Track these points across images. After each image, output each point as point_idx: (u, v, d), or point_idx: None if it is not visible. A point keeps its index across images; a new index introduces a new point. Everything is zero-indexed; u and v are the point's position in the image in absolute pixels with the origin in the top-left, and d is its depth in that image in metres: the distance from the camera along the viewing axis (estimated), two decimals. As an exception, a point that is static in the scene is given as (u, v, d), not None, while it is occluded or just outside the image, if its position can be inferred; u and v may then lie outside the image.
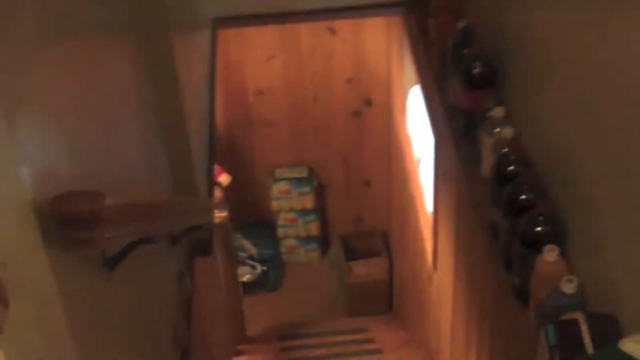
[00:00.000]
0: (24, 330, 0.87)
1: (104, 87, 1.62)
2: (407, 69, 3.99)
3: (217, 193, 3.94)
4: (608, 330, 1.51)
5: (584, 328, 1.53)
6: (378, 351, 4.30)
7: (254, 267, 5.16)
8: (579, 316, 1.56)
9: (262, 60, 4.75)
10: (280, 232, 5.27)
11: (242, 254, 5.19)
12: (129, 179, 1.78)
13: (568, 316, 1.59)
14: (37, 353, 0.91)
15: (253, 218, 5.29)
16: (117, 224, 1.18)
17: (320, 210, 5.25)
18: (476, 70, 2.36)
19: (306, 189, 5.04)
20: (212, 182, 2.81)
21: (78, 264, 1.21)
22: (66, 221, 1.03)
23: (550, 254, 1.73)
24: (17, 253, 0.86)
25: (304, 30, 4.66)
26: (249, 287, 5.13)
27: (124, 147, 1.78)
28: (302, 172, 5.06)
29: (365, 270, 4.82)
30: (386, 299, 5.05)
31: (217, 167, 4.41)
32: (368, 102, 4.91)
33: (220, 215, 3.66)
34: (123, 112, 1.82)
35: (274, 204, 5.14)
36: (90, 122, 1.44)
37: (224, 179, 4.45)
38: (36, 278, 0.94)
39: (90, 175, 1.36)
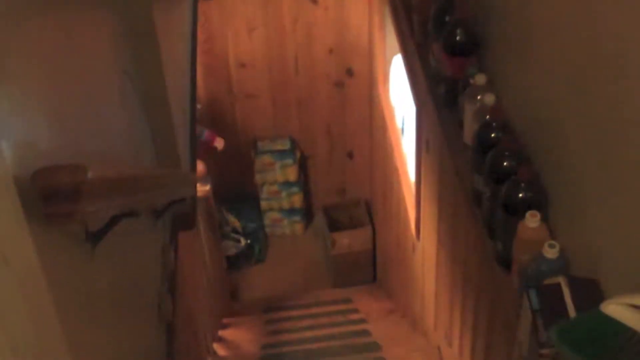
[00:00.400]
0: (7, 305, 0.86)
1: (82, 59, 1.60)
2: (389, 37, 3.98)
3: (200, 167, 3.93)
4: (590, 294, 1.52)
5: (566, 292, 1.55)
6: (363, 321, 4.33)
7: (238, 241, 5.17)
8: (561, 280, 1.58)
9: (244, 31, 4.72)
10: (264, 204, 5.27)
11: (226, 228, 5.19)
12: (110, 152, 1.77)
13: (550, 281, 1.61)
14: (22, 327, 0.91)
15: (236, 191, 5.28)
16: (100, 197, 1.17)
17: (304, 182, 5.25)
18: (458, 37, 2.36)
19: (289, 161, 5.04)
20: (194, 155, 2.80)
21: (61, 239, 1.21)
22: (48, 195, 1.03)
23: (532, 220, 1.74)
24: (-2, 227, 0.85)
25: (286, 1, 4.63)
26: (234, 261, 5.14)
27: (105, 120, 1.77)
28: (284, 145, 5.05)
29: (349, 241, 4.84)
30: (370, 269, 5.08)
31: (210, 133, 4.42)
32: (350, 73, 4.89)
33: (203, 188, 3.66)
34: (103, 85, 1.80)
35: (257, 177, 5.13)
36: (69, 95, 1.43)
37: (218, 143, 4.45)
38: (19, 253, 0.93)
39: (71, 149, 1.35)
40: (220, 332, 4.09)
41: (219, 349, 3.77)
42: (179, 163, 2.45)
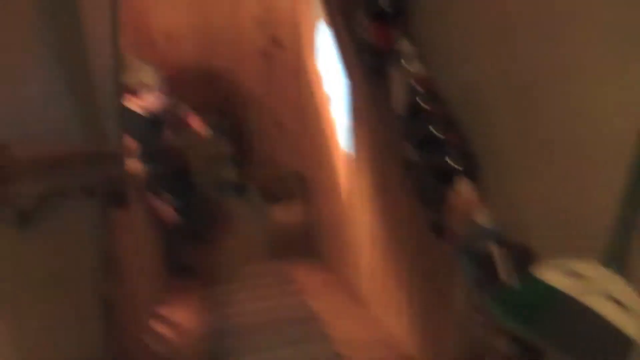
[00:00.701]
0: None
1: (2, 36, 1.54)
2: (315, 5, 3.95)
3: (131, 142, 3.86)
4: (522, 259, 1.55)
5: (499, 257, 1.57)
6: (301, 292, 4.34)
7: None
8: (493, 246, 1.60)
9: (167, 3, 4.62)
10: (198, 180, 5.21)
11: (160, 203, 5.12)
12: (35, 130, 1.71)
13: (483, 246, 1.63)
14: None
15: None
16: (26, 177, 1.13)
17: (236, 156, 5.20)
18: (382, 3, 2.34)
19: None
20: (121, 132, 2.74)
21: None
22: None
23: (462, 187, 1.75)
24: None
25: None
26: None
27: (26, 96, 1.71)
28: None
29: (284, 213, 4.83)
30: (307, 241, 5.08)
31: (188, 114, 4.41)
32: (277, 42, 4.85)
33: (135, 164, 3.59)
34: (24, 61, 1.74)
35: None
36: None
37: (193, 121, 4.45)
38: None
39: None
40: (160, 310, 4.05)
41: (159, 327, 3.74)
42: (106, 139, 2.40)
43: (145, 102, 3.94)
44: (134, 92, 3.87)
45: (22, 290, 1.36)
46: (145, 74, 3.89)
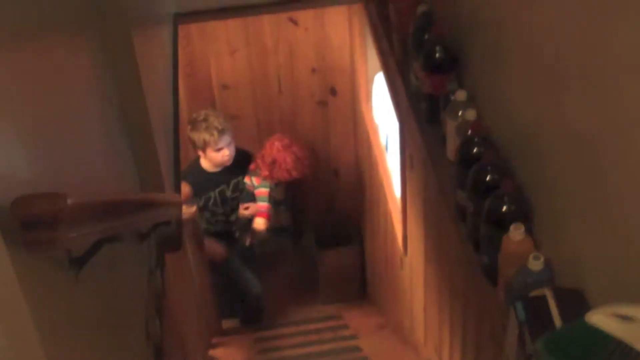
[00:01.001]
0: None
1: (62, 87, 1.60)
2: (370, 56, 4.00)
3: (186, 189, 3.93)
4: (575, 305, 1.53)
5: (552, 303, 1.55)
6: (353, 337, 4.32)
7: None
8: (547, 292, 1.58)
9: (226, 54, 4.73)
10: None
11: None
12: (92, 178, 1.77)
13: (536, 292, 1.61)
14: (4, 355, 0.90)
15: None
16: (80, 223, 1.17)
17: (291, 201, 5.24)
18: (437, 55, 2.37)
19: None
20: (178, 177, 2.80)
21: (43, 266, 1.21)
22: (27, 223, 1.03)
23: (516, 233, 1.75)
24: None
25: (267, 23, 4.65)
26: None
27: (87, 147, 1.77)
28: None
29: (338, 257, 4.84)
30: (359, 285, 5.07)
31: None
32: (333, 91, 4.91)
33: (189, 210, 3.65)
34: (83, 111, 1.80)
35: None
36: (49, 123, 1.43)
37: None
38: (0, 282, 0.93)
39: (51, 176, 1.35)
40: (211, 352, 4.07)
41: (210, 371, 3.76)
42: (163, 186, 2.45)
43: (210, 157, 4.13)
44: (201, 147, 4.09)
45: (77, 334, 1.39)
46: (216, 119, 4.03)
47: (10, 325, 0.93)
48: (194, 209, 3.79)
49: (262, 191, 4.40)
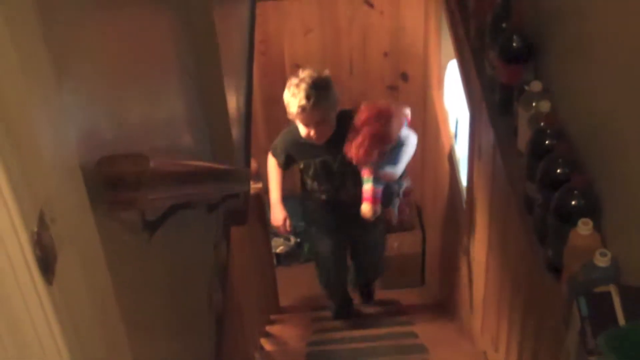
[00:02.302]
0: (70, 284, 0.90)
1: (146, 54, 1.65)
2: (445, 42, 3.98)
3: (253, 164, 3.97)
4: (640, 303, 1.52)
5: (616, 300, 1.54)
6: (410, 323, 4.33)
7: (287, 239, 5.20)
8: (612, 289, 1.57)
9: (300, 33, 4.75)
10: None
11: (277, 226, 5.23)
12: (170, 145, 1.81)
13: (601, 289, 1.60)
14: (82, 306, 0.94)
15: (287, 191, 5.31)
16: (159, 187, 1.21)
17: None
18: (514, 44, 2.35)
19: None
20: (249, 153, 2.85)
21: (121, 225, 1.25)
22: (111, 182, 1.07)
23: (584, 228, 1.73)
24: (66, 210, 0.89)
25: (342, 4, 4.65)
26: (282, 259, 5.18)
27: (165, 113, 1.82)
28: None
29: (399, 243, 4.84)
30: (419, 272, 5.07)
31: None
32: (404, 77, 4.90)
33: (255, 186, 3.70)
34: (164, 77, 1.85)
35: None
36: (133, 87, 1.48)
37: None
38: (83, 236, 0.97)
39: (133, 139, 1.39)
40: (268, 328, 4.13)
41: (266, 344, 3.81)
42: (234, 159, 2.49)
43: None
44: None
45: (147, 295, 1.44)
46: (309, 91, 3.29)
47: (89, 278, 0.97)
48: (260, 184, 3.84)
49: (364, 171, 3.54)
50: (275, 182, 3.77)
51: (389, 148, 3.48)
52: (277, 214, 3.78)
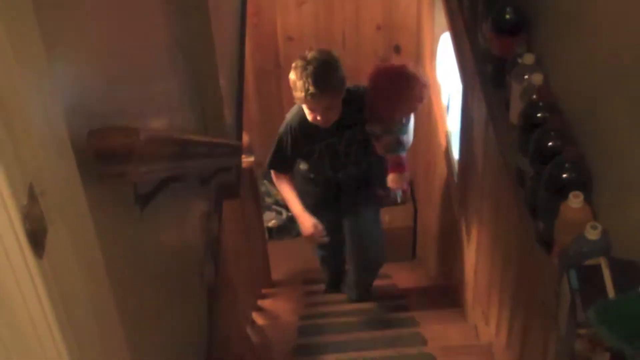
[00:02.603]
0: (60, 258, 0.90)
1: (135, 25, 1.63)
2: (438, 15, 3.96)
3: (245, 138, 3.96)
4: (630, 276, 1.52)
5: (606, 273, 1.55)
6: (401, 296, 4.35)
7: (279, 213, 5.21)
8: (602, 261, 1.58)
9: (292, 6, 4.73)
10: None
11: (268, 200, 5.23)
12: (161, 119, 1.80)
13: (591, 262, 1.61)
14: (72, 281, 0.94)
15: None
16: (150, 160, 1.20)
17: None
18: (507, 16, 2.34)
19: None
20: (240, 126, 2.84)
21: (112, 198, 1.25)
22: (101, 155, 1.06)
23: (575, 201, 1.73)
24: (55, 183, 0.89)
25: (335, -24, 4.63)
26: (274, 233, 5.19)
27: (156, 86, 1.81)
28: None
29: (390, 217, 4.85)
30: (410, 246, 5.09)
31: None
32: (397, 49, 4.88)
33: (247, 159, 3.69)
34: (155, 51, 1.83)
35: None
36: (122, 59, 1.46)
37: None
38: (73, 209, 0.97)
39: (123, 112, 1.38)
40: (260, 302, 4.14)
41: (258, 318, 3.83)
42: (226, 132, 2.49)
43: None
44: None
45: (138, 268, 1.43)
46: (319, 73, 3.07)
47: (79, 251, 0.96)
48: (252, 158, 3.83)
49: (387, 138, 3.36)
50: (290, 193, 3.56)
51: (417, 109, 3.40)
52: (306, 222, 3.57)
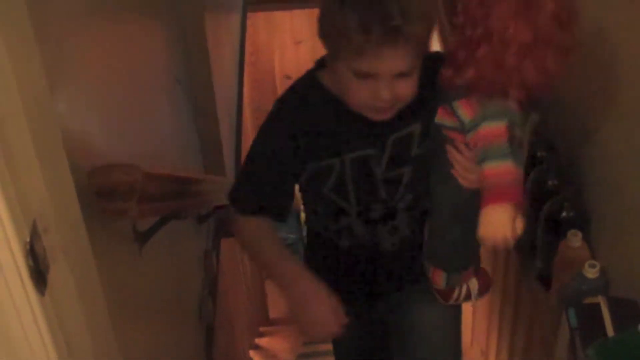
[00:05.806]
0: (62, 295, 0.90)
1: (137, 65, 1.65)
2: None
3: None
4: (629, 314, 1.52)
5: (605, 312, 1.55)
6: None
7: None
8: (601, 300, 1.58)
9: (290, 45, 4.77)
10: (304, 217, 5.28)
11: (266, 237, 5.20)
12: (161, 155, 1.81)
13: (590, 300, 1.61)
14: (74, 317, 0.94)
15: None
16: (152, 197, 1.21)
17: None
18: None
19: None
20: (238, 163, 2.85)
21: (112, 236, 1.25)
22: (102, 192, 1.07)
23: (574, 239, 1.74)
24: (58, 221, 0.89)
25: (332, 15, 4.66)
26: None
27: (157, 124, 1.82)
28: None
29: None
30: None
31: None
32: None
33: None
34: (156, 90, 1.85)
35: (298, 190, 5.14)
36: (124, 98, 1.48)
37: None
38: (75, 246, 0.97)
39: (124, 149, 1.39)
40: (257, 340, 4.11)
41: (255, 356, 3.80)
42: (224, 170, 2.49)
43: None
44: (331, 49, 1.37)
45: (138, 305, 1.43)
46: None
47: (81, 288, 0.96)
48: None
49: (491, 130, 1.39)
50: (269, 246, 1.73)
51: None
52: (317, 301, 1.59)
